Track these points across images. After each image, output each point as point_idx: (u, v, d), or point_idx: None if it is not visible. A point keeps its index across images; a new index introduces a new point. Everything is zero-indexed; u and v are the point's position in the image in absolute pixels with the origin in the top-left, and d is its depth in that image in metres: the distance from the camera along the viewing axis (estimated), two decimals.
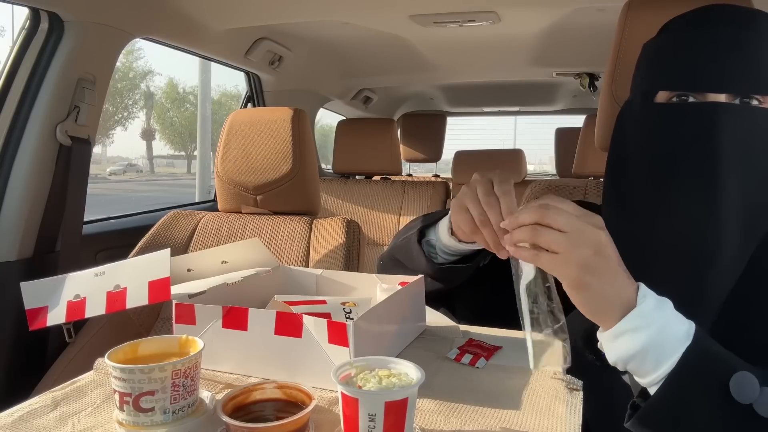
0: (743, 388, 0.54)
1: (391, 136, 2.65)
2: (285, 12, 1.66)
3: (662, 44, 0.71)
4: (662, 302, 0.58)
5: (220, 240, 1.49)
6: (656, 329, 0.56)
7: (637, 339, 0.56)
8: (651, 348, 0.56)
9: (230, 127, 1.52)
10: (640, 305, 0.56)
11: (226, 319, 0.69)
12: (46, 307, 0.73)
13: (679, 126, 0.67)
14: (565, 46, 2.07)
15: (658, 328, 0.56)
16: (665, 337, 0.56)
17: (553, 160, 3.38)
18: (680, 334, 0.56)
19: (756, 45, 0.63)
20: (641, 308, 0.56)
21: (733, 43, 0.63)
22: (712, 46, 0.64)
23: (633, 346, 0.56)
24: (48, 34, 1.31)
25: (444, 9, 1.63)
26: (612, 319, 0.57)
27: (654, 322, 0.56)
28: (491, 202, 0.65)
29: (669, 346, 0.56)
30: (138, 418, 0.54)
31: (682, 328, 0.57)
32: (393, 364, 0.54)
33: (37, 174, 1.33)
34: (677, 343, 0.56)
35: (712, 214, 0.65)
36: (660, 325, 0.56)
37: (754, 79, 0.64)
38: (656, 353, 0.56)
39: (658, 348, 0.56)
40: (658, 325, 0.56)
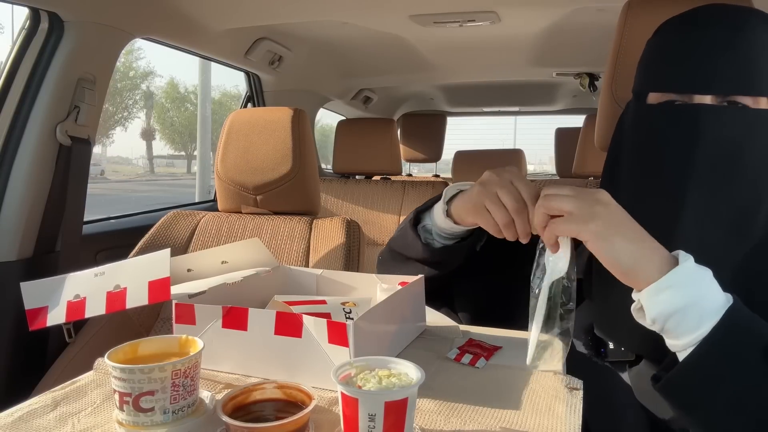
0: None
1: (391, 136, 2.65)
2: (285, 12, 1.66)
3: (652, 46, 0.72)
4: (702, 267, 0.58)
5: (220, 240, 1.49)
6: (699, 288, 0.56)
7: (681, 295, 0.56)
8: (694, 305, 0.56)
9: (230, 127, 1.52)
10: (684, 263, 0.57)
11: (226, 319, 0.69)
12: (46, 307, 0.73)
13: (665, 127, 0.68)
14: (565, 46, 2.07)
15: (701, 288, 0.56)
16: (707, 297, 0.56)
17: (553, 160, 3.38)
18: (720, 297, 0.57)
19: (744, 45, 0.62)
20: (685, 266, 0.57)
21: (718, 44, 0.63)
22: (698, 47, 0.64)
23: (677, 301, 0.56)
24: (48, 34, 1.31)
25: (444, 9, 1.63)
26: (647, 277, 0.57)
27: (697, 281, 0.57)
28: (519, 210, 0.67)
29: (710, 306, 0.56)
30: (138, 418, 0.54)
31: (721, 294, 0.57)
32: (393, 364, 0.54)
33: (37, 174, 1.33)
34: (719, 304, 0.56)
35: (696, 214, 0.65)
36: (704, 285, 0.57)
37: (741, 79, 0.63)
38: (699, 311, 0.56)
39: (700, 306, 0.56)
40: (702, 285, 0.57)
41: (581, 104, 3.50)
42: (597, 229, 0.58)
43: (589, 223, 0.58)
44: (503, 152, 3.16)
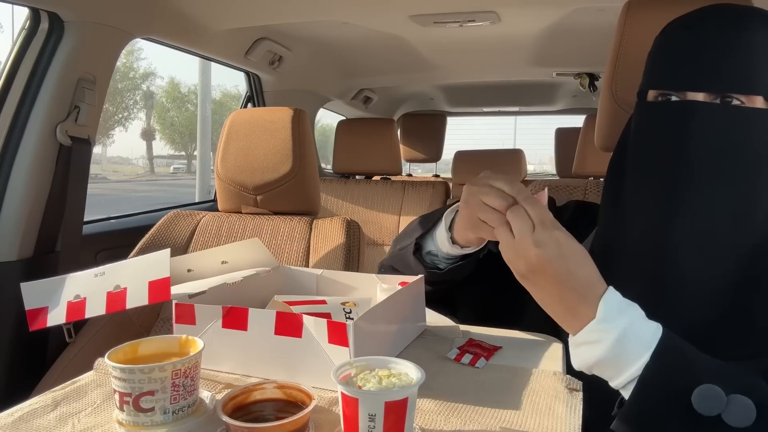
0: (707, 401, 0.53)
1: (391, 136, 2.65)
2: (285, 12, 1.66)
3: (654, 45, 0.73)
4: (626, 308, 0.58)
5: (220, 240, 1.49)
6: (611, 342, 0.57)
7: (594, 351, 0.58)
8: (607, 360, 0.58)
9: (230, 127, 1.52)
10: (597, 317, 0.58)
11: (226, 319, 0.69)
12: (46, 307, 0.73)
13: (660, 123, 0.68)
14: (565, 46, 2.07)
15: (613, 341, 0.57)
16: (622, 349, 0.57)
17: (553, 160, 3.38)
18: (641, 344, 0.57)
19: (739, 44, 0.63)
20: (596, 322, 0.58)
21: (713, 42, 0.64)
22: (692, 45, 0.65)
23: (591, 356, 0.58)
24: (48, 34, 1.31)
25: (444, 9, 1.63)
26: (571, 327, 0.60)
27: (609, 335, 0.57)
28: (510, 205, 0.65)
29: (627, 357, 0.57)
30: (138, 418, 0.54)
31: (644, 338, 0.57)
32: (393, 364, 0.54)
33: (37, 174, 1.33)
34: (636, 354, 0.57)
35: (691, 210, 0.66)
36: (616, 336, 0.57)
37: (735, 78, 0.63)
38: (614, 365, 0.58)
39: (615, 360, 0.57)
40: (614, 337, 0.57)
41: (581, 104, 3.50)
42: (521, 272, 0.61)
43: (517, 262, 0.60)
44: (503, 152, 3.16)
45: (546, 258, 0.58)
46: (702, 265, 0.66)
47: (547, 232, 0.59)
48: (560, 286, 0.59)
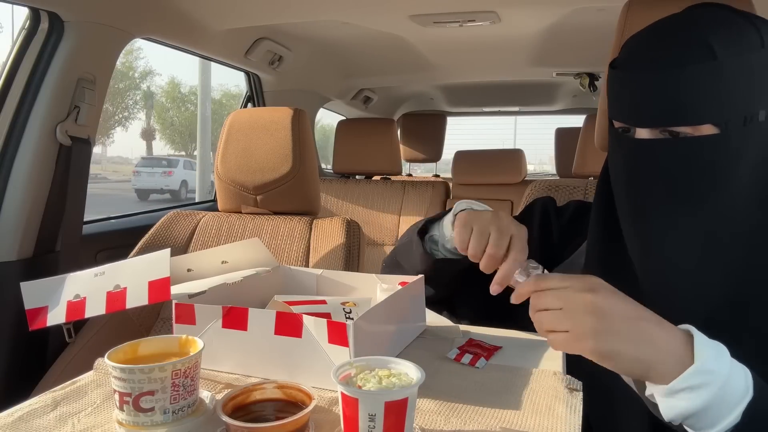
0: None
1: (391, 136, 2.65)
2: (285, 12, 1.66)
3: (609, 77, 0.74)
4: (720, 352, 0.55)
5: (220, 240, 1.49)
6: (718, 386, 0.52)
7: (697, 397, 0.52)
8: (712, 406, 0.52)
9: (230, 127, 1.52)
10: (700, 360, 0.53)
11: (226, 319, 0.69)
12: (46, 307, 0.73)
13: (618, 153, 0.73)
14: (565, 46, 2.07)
15: (719, 385, 0.52)
16: (726, 392, 0.52)
17: (553, 160, 3.38)
18: (741, 386, 0.53)
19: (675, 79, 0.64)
20: (701, 363, 0.53)
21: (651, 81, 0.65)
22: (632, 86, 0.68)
23: (692, 404, 0.52)
24: (48, 34, 1.31)
25: (444, 9, 1.63)
26: (664, 376, 0.54)
27: (716, 379, 0.52)
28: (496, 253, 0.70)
29: (731, 400, 0.53)
30: (138, 418, 0.54)
31: (741, 379, 0.54)
32: (393, 364, 0.54)
33: (37, 174, 1.33)
34: (738, 396, 0.53)
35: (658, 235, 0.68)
36: (722, 381, 0.52)
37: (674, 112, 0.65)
38: (717, 410, 0.52)
39: (718, 405, 0.52)
40: (720, 381, 0.52)
41: (581, 104, 3.50)
42: (595, 347, 0.54)
43: (585, 342, 0.55)
44: (503, 152, 3.16)
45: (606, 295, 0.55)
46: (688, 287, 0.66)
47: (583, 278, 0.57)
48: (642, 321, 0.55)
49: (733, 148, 0.64)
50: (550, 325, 0.57)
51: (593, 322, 0.54)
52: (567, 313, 0.56)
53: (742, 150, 0.64)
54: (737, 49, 0.63)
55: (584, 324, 0.54)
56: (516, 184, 2.90)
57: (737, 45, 0.63)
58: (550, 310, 0.57)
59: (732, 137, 0.64)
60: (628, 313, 0.55)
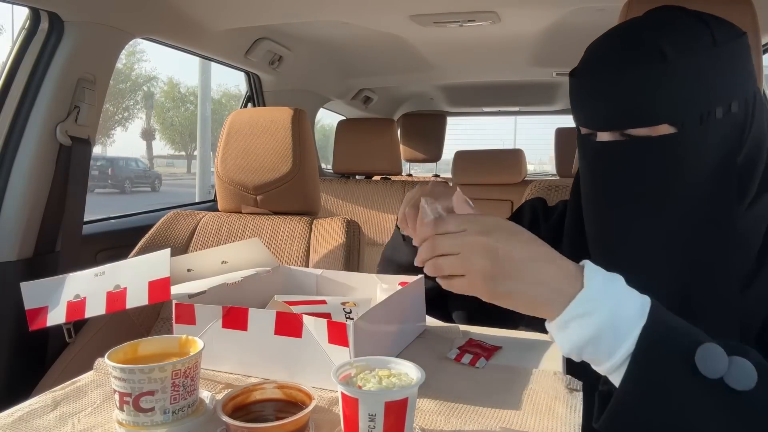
0: (711, 362, 0.51)
1: (391, 136, 2.65)
2: (285, 12, 1.66)
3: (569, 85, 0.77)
4: (612, 279, 0.55)
5: (220, 240, 1.49)
6: (606, 311, 0.52)
7: (587, 325, 0.53)
8: (603, 332, 0.52)
9: (230, 127, 1.52)
10: (587, 288, 0.53)
11: (226, 319, 0.69)
12: (46, 307, 0.73)
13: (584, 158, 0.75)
14: (565, 46, 2.07)
15: (608, 310, 0.52)
16: (618, 317, 0.52)
17: (553, 160, 3.38)
18: (634, 312, 0.53)
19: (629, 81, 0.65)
20: (588, 292, 0.53)
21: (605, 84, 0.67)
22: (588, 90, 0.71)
23: (583, 332, 0.53)
24: (48, 34, 1.31)
25: (444, 9, 1.63)
26: (552, 310, 0.54)
27: (603, 304, 0.53)
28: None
29: (623, 327, 0.52)
30: (138, 418, 0.54)
31: (635, 304, 0.53)
32: (393, 364, 0.54)
33: (37, 174, 1.33)
34: (632, 322, 0.52)
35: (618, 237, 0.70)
36: (610, 306, 0.52)
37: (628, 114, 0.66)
38: (610, 337, 0.52)
39: (611, 331, 0.52)
40: (609, 306, 0.52)
41: None
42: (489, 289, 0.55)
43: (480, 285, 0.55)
44: (503, 152, 3.16)
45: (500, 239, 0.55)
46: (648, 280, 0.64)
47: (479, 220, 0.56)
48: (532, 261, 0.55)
49: (690, 147, 0.65)
50: (448, 269, 0.56)
51: (486, 266, 0.54)
52: (463, 257, 0.55)
53: (701, 147, 0.65)
54: (688, 49, 0.64)
55: (478, 268, 0.54)
56: (516, 184, 2.90)
57: (688, 45, 0.64)
58: (448, 255, 0.56)
59: (689, 136, 0.65)
60: (521, 254, 0.55)
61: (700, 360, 0.51)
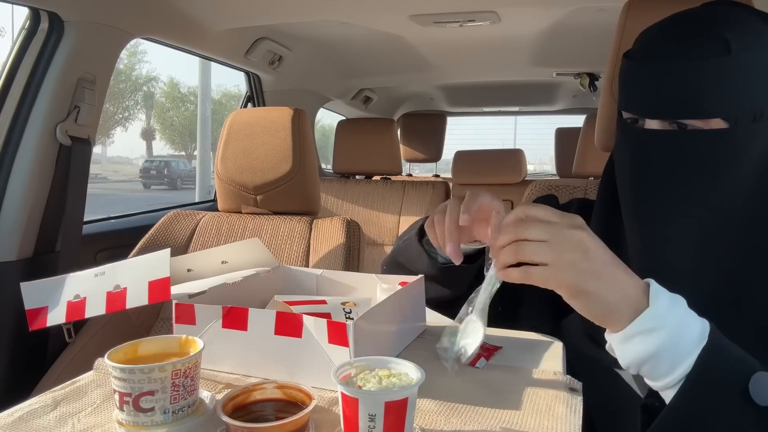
0: (764, 390, 0.52)
1: (391, 136, 2.65)
2: (285, 12, 1.66)
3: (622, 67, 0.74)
4: (676, 300, 0.56)
5: (220, 240, 1.49)
6: (670, 330, 0.54)
7: (651, 341, 0.54)
8: (665, 350, 0.54)
9: (230, 127, 1.52)
10: (653, 305, 0.54)
11: (226, 319, 0.69)
12: (46, 307, 0.73)
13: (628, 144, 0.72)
14: (565, 46, 2.07)
15: (672, 329, 0.54)
16: (680, 338, 0.54)
17: (553, 160, 3.38)
18: (695, 334, 0.54)
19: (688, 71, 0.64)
20: (654, 309, 0.54)
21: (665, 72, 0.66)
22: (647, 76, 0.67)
23: (646, 348, 0.54)
24: (48, 34, 1.31)
25: (444, 9, 1.63)
26: (620, 321, 0.55)
27: (668, 322, 0.54)
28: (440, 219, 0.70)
29: (684, 347, 0.54)
30: (138, 418, 0.54)
31: (697, 327, 0.55)
32: (393, 364, 0.54)
33: (37, 174, 1.33)
34: (692, 344, 0.54)
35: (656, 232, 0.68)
36: (674, 325, 0.54)
37: (685, 105, 0.65)
38: (671, 356, 0.54)
39: (672, 350, 0.54)
40: (673, 325, 0.54)
41: (581, 104, 3.50)
42: (573, 283, 0.55)
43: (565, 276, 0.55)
44: (503, 152, 3.16)
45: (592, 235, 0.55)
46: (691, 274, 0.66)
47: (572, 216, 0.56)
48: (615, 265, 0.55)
49: (740, 144, 0.64)
50: (531, 255, 0.56)
51: (578, 259, 0.54)
52: (553, 246, 0.55)
53: (749, 146, 0.64)
54: (751, 45, 0.63)
55: (568, 259, 0.54)
56: (516, 184, 2.89)
57: (751, 41, 0.63)
58: (533, 241, 0.56)
59: (740, 133, 0.64)
60: (607, 256, 0.56)
61: (754, 387, 0.52)
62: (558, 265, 0.55)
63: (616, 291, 0.55)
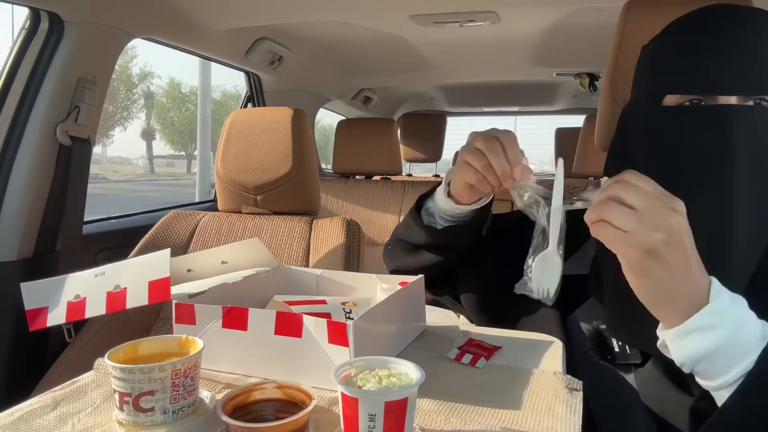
0: None
1: (391, 136, 2.65)
2: (285, 12, 1.66)
3: (667, 47, 0.69)
4: (737, 300, 0.54)
5: (220, 240, 1.49)
6: (730, 329, 0.52)
7: (709, 338, 0.52)
8: (723, 349, 0.52)
9: (230, 127, 1.52)
10: (714, 302, 0.53)
11: (226, 319, 0.69)
12: (46, 307, 0.73)
13: (695, 129, 0.64)
14: (565, 46, 2.07)
15: (732, 328, 0.52)
16: (739, 337, 0.52)
17: (553, 160, 3.38)
18: (755, 334, 0.53)
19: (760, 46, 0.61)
20: (715, 305, 0.52)
21: (738, 45, 0.62)
22: (718, 48, 0.63)
23: (703, 346, 0.52)
24: (48, 34, 1.31)
25: (444, 9, 1.63)
26: (676, 314, 0.54)
27: (728, 321, 0.52)
28: (493, 148, 0.67)
29: (743, 347, 0.52)
30: (138, 418, 0.54)
31: (757, 328, 0.53)
32: (393, 364, 0.54)
33: (37, 174, 1.33)
34: (752, 344, 0.52)
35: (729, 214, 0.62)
36: (734, 324, 0.52)
37: (763, 79, 0.62)
38: (729, 355, 0.52)
39: (731, 349, 0.52)
40: (733, 324, 0.52)
41: (581, 104, 3.50)
42: (644, 261, 0.53)
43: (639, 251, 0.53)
44: None
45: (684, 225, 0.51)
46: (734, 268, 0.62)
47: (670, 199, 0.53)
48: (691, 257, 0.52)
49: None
50: (613, 216, 0.53)
51: (659, 240, 0.51)
52: (642, 217, 0.52)
53: None
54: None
55: (649, 236, 0.52)
56: None
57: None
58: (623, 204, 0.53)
59: None
60: (687, 249, 0.53)
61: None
62: (635, 238, 0.52)
63: (681, 284, 0.53)
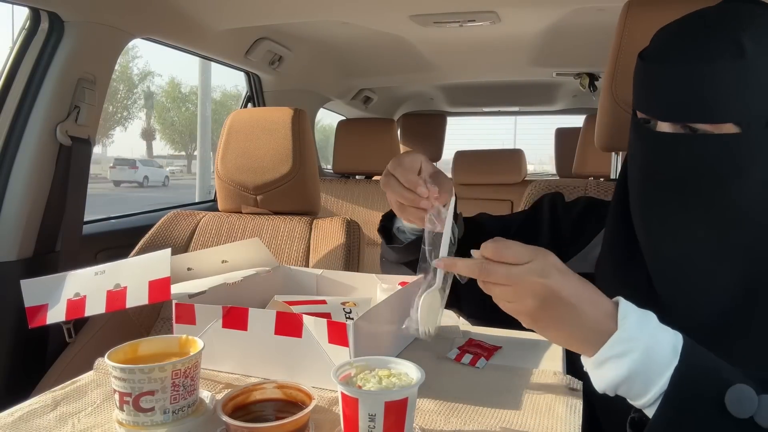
0: (740, 403, 0.52)
1: (391, 136, 2.65)
2: (285, 12, 1.66)
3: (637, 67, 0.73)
4: (645, 318, 0.56)
5: (220, 240, 1.49)
6: (641, 352, 0.54)
7: (622, 365, 0.54)
8: (638, 373, 0.54)
9: (230, 127, 1.52)
10: (621, 328, 0.55)
11: (226, 319, 0.69)
12: (46, 305, 0.73)
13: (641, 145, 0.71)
14: (565, 46, 2.07)
15: (642, 350, 0.54)
16: (651, 358, 0.54)
17: (553, 160, 3.38)
18: (667, 351, 0.54)
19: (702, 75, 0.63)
20: (622, 332, 0.54)
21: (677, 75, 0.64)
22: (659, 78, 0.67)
23: (618, 373, 0.54)
24: (48, 34, 1.31)
25: (444, 9, 1.63)
26: (587, 347, 0.56)
27: (637, 344, 0.54)
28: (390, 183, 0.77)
29: (656, 367, 0.54)
30: (138, 418, 0.54)
31: (668, 344, 0.55)
32: (393, 364, 0.54)
33: (37, 174, 1.33)
34: (665, 362, 0.54)
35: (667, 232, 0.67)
36: (644, 346, 0.54)
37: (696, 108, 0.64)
38: (644, 377, 0.54)
39: (645, 371, 0.54)
40: (642, 346, 0.54)
41: (581, 104, 3.50)
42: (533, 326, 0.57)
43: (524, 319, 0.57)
44: (503, 152, 3.16)
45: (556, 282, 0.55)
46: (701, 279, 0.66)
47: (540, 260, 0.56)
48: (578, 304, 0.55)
49: (752, 150, 0.63)
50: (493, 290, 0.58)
51: (534, 308, 0.56)
52: (515, 292, 0.56)
53: (760, 152, 0.63)
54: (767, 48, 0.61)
55: (528, 304, 0.56)
56: (516, 184, 2.89)
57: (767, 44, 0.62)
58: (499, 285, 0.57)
59: (752, 138, 0.63)
60: (570, 297, 0.55)
61: (730, 401, 0.52)
62: (516, 306, 0.57)
63: (578, 326, 0.56)
